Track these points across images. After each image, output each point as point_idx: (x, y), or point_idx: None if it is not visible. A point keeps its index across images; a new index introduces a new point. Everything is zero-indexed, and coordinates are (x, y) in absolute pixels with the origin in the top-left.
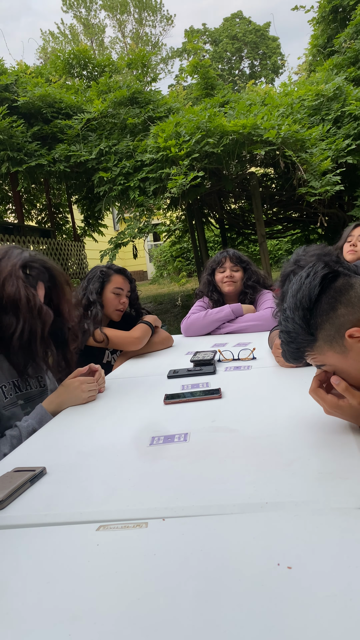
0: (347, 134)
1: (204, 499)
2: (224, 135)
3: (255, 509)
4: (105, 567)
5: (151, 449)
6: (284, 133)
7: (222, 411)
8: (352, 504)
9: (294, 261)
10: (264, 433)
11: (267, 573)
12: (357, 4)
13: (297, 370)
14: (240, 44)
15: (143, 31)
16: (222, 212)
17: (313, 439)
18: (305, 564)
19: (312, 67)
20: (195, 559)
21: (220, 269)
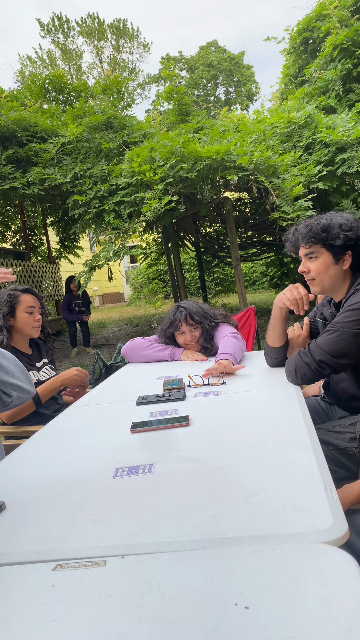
0: (318, 161)
1: (165, 535)
2: (197, 160)
3: (216, 544)
4: (59, 611)
5: (115, 481)
6: (256, 159)
7: (189, 440)
8: (313, 538)
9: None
10: (230, 462)
11: (224, 614)
12: (326, 36)
13: (266, 395)
14: (216, 72)
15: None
16: (197, 235)
17: (278, 468)
18: (263, 603)
19: (285, 96)
20: (151, 600)
21: (178, 333)
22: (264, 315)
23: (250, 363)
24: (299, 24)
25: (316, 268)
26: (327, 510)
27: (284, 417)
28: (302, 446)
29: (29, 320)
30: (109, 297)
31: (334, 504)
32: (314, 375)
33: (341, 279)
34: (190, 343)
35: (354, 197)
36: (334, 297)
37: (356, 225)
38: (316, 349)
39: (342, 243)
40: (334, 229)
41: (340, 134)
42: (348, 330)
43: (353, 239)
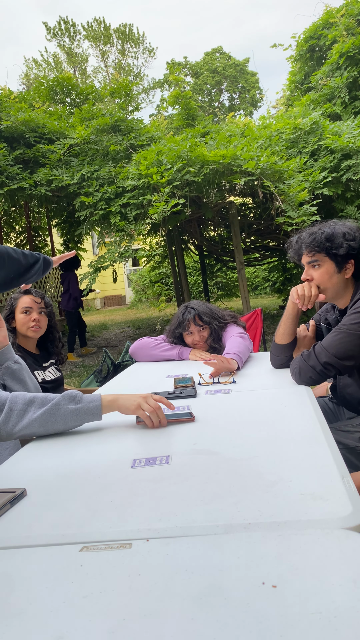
0: (323, 167)
1: (188, 520)
2: (204, 164)
3: (238, 529)
4: (90, 588)
5: (133, 471)
6: (262, 164)
7: (204, 434)
8: (334, 524)
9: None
10: (246, 455)
11: (252, 592)
12: (332, 44)
13: (277, 394)
14: (220, 78)
15: (125, 62)
16: (202, 239)
17: (294, 461)
18: (290, 582)
19: (290, 102)
20: (179, 579)
21: (187, 334)
22: (267, 319)
23: (258, 364)
24: (306, 32)
25: (319, 276)
26: (346, 498)
27: (296, 414)
28: (316, 441)
29: (24, 320)
30: (110, 299)
31: (352, 493)
32: (319, 377)
33: (343, 287)
34: (198, 343)
35: (358, 203)
36: (338, 304)
37: (359, 235)
38: (322, 351)
39: (346, 252)
40: (338, 238)
41: (346, 140)
42: (354, 332)
43: (356, 248)
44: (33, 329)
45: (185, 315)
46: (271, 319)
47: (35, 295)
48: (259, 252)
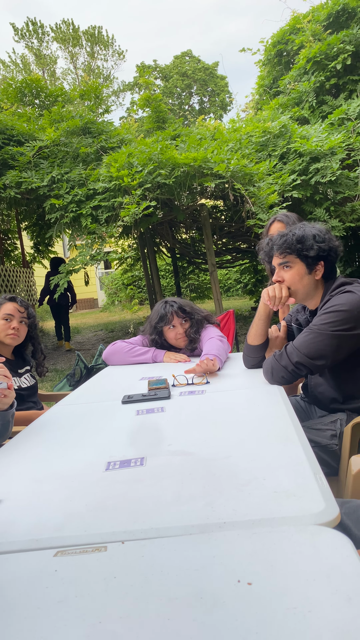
0: (292, 170)
1: (163, 521)
2: (175, 167)
3: (213, 529)
4: (65, 592)
5: (107, 474)
6: (233, 167)
7: (178, 435)
8: (307, 520)
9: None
10: (220, 455)
11: (227, 590)
12: (299, 49)
13: (250, 394)
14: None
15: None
16: (174, 242)
17: (267, 460)
18: (265, 579)
19: (259, 106)
20: (155, 580)
21: (169, 327)
22: (239, 321)
23: (231, 364)
24: (274, 37)
25: (290, 277)
26: (319, 495)
27: (269, 414)
28: (289, 440)
29: (4, 327)
30: (82, 303)
31: (325, 489)
32: (291, 377)
33: (314, 288)
34: (181, 337)
35: (326, 206)
36: (308, 305)
37: (328, 237)
38: (293, 351)
39: (316, 254)
40: (308, 240)
41: (314, 144)
42: (324, 332)
43: (325, 250)
44: (11, 337)
45: (167, 308)
46: (243, 320)
47: (20, 304)
48: (230, 254)
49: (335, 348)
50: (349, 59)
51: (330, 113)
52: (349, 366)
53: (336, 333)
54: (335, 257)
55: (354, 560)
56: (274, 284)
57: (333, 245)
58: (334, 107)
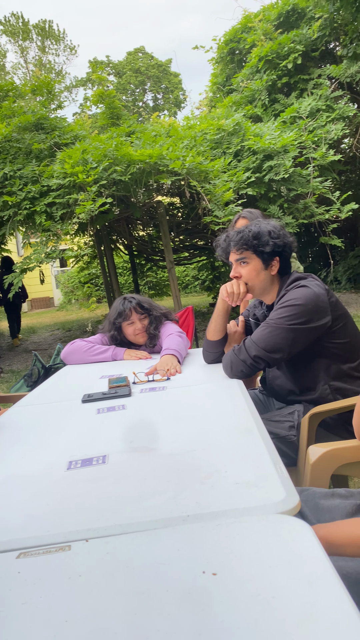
0: (246, 167)
1: (127, 518)
2: (131, 163)
3: (177, 522)
4: (29, 594)
5: (69, 473)
6: (188, 164)
7: (140, 432)
8: (269, 510)
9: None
10: (182, 450)
11: (193, 581)
12: (252, 48)
13: (210, 388)
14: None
15: (46, 59)
16: (131, 239)
17: (229, 452)
18: (229, 568)
19: (213, 103)
20: (121, 576)
21: (127, 323)
22: (197, 317)
23: (191, 360)
24: (226, 35)
25: (247, 273)
26: (279, 484)
27: (229, 407)
28: (249, 432)
29: None
30: (38, 302)
31: (285, 479)
32: (250, 370)
33: (270, 283)
34: (139, 333)
35: (280, 203)
36: (265, 300)
37: (283, 233)
38: (252, 345)
39: (272, 250)
40: (264, 236)
41: (267, 142)
42: (281, 326)
43: (281, 246)
44: None
45: (126, 304)
46: (202, 316)
47: None
48: (188, 251)
49: (291, 341)
50: (299, 58)
51: (282, 111)
52: (304, 359)
53: (292, 327)
54: (289, 253)
55: (313, 545)
56: (232, 281)
57: (288, 241)
58: (285, 105)
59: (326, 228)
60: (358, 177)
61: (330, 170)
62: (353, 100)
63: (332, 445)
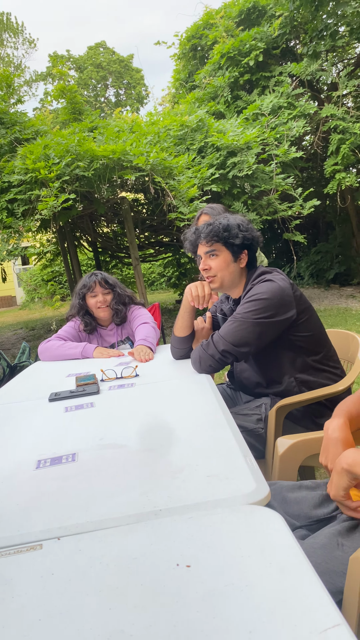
0: (210, 164)
1: (98, 514)
2: (94, 159)
3: (149, 517)
4: (1, 594)
5: (38, 472)
6: (152, 160)
7: (109, 429)
8: (240, 501)
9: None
10: (152, 445)
11: (167, 574)
12: (213, 44)
13: (179, 384)
14: (105, 73)
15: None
16: (95, 235)
17: (199, 446)
18: (203, 560)
19: (176, 100)
20: (94, 573)
21: (91, 294)
22: (164, 314)
23: (159, 356)
24: (188, 31)
25: (217, 265)
26: (249, 476)
27: (198, 402)
28: (219, 425)
29: None
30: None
31: (255, 470)
32: (218, 365)
33: (238, 276)
34: (101, 306)
35: (244, 199)
36: (232, 294)
37: (250, 227)
38: (219, 339)
39: (241, 242)
40: (234, 229)
41: (231, 138)
42: (247, 320)
43: (249, 239)
44: None
45: (92, 277)
46: (169, 313)
47: None
48: (153, 248)
49: (258, 335)
50: (260, 55)
51: (244, 108)
52: (271, 352)
53: (258, 321)
54: (256, 247)
55: (285, 533)
56: (196, 282)
57: (255, 235)
58: (248, 102)
59: (289, 224)
60: (319, 174)
61: (293, 167)
62: (313, 98)
63: (299, 436)
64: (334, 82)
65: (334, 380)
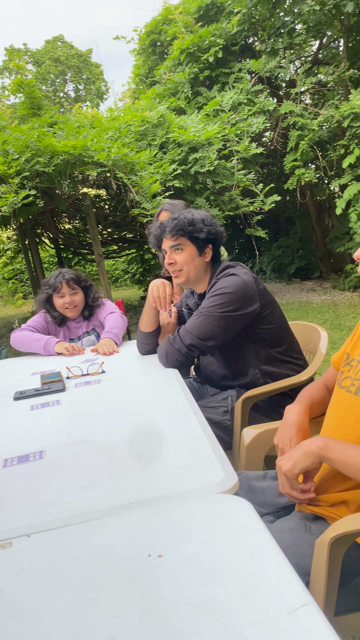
0: (172, 160)
1: (68, 510)
2: (54, 155)
3: (120, 510)
4: None
5: (5, 471)
6: (114, 156)
7: (77, 425)
8: (210, 490)
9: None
10: (121, 440)
11: (139, 565)
12: (173, 40)
13: (146, 379)
14: (64, 67)
15: None
16: (57, 232)
17: (168, 439)
18: (174, 550)
19: (136, 95)
20: (66, 568)
21: (57, 295)
22: (129, 310)
23: (126, 352)
24: (147, 26)
25: (183, 259)
26: (218, 466)
27: (166, 396)
28: (187, 418)
29: None
30: None
31: (223, 460)
32: (185, 359)
33: (203, 270)
34: (69, 307)
35: (207, 195)
36: (197, 288)
37: (214, 222)
38: (186, 334)
39: (206, 237)
40: (199, 223)
41: (192, 134)
42: (213, 314)
43: (213, 234)
44: None
45: (58, 277)
46: (133, 309)
47: None
48: (116, 244)
49: (223, 328)
50: (220, 52)
51: (205, 104)
52: (236, 345)
53: (223, 314)
54: (220, 242)
55: (254, 520)
56: (158, 281)
57: (219, 230)
58: (208, 98)
59: (251, 220)
60: (279, 169)
61: (253, 163)
62: (272, 95)
63: (264, 426)
64: (292, 79)
65: (297, 371)
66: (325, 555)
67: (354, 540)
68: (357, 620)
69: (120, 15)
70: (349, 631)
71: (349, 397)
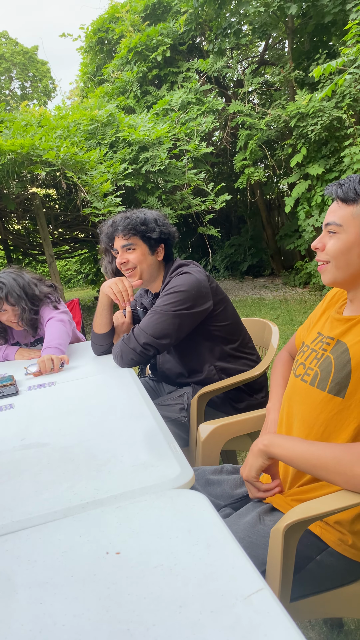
0: (123, 159)
1: (24, 513)
2: (1, 154)
3: (77, 510)
4: None
5: None
6: (63, 154)
7: (31, 429)
8: (166, 486)
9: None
10: (76, 441)
11: (97, 563)
12: (120, 38)
13: (102, 379)
14: (9, 64)
15: None
16: (5, 233)
17: (124, 437)
18: (132, 546)
19: (85, 93)
20: (23, 571)
21: (1, 311)
22: (84, 311)
23: (81, 353)
24: (94, 24)
25: (135, 258)
26: (174, 462)
27: (121, 395)
28: (142, 416)
29: None
30: None
31: (179, 456)
32: (140, 358)
33: (157, 269)
34: (14, 321)
35: (158, 194)
36: (151, 288)
37: (167, 222)
38: (140, 333)
39: (158, 236)
40: (151, 223)
41: (142, 133)
42: (167, 312)
43: (166, 234)
44: None
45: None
46: (88, 310)
47: None
48: (68, 244)
49: (178, 326)
50: (167, 51)
51: (154, 103)
52: (190, 342)
53: (177, 312)
54: (172, 241)
55: (210, 513)
56: (113, 279)
57: (171, 230)
58: (157, 97)
59: (203, 219)
60: (229, 169)
61: (204, 162)
62: (221, 94)
63: (219, 421)
64: (239, 79)
65: (251, 366)
66: (280, 542)
67: (306, 527)
68: (312, 604)
69: (67, 13)
70: (306, 615)
71: (303, 387)
